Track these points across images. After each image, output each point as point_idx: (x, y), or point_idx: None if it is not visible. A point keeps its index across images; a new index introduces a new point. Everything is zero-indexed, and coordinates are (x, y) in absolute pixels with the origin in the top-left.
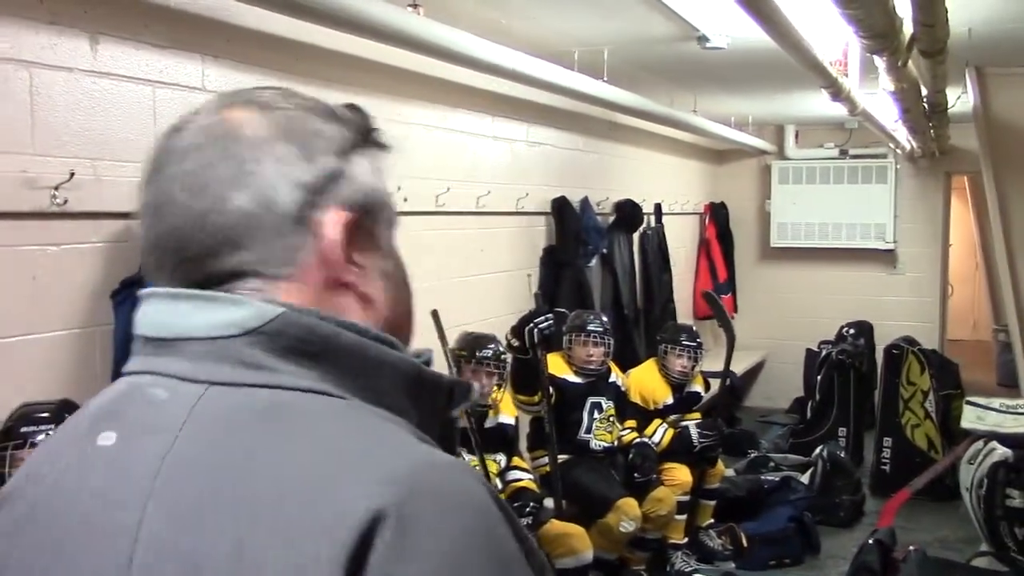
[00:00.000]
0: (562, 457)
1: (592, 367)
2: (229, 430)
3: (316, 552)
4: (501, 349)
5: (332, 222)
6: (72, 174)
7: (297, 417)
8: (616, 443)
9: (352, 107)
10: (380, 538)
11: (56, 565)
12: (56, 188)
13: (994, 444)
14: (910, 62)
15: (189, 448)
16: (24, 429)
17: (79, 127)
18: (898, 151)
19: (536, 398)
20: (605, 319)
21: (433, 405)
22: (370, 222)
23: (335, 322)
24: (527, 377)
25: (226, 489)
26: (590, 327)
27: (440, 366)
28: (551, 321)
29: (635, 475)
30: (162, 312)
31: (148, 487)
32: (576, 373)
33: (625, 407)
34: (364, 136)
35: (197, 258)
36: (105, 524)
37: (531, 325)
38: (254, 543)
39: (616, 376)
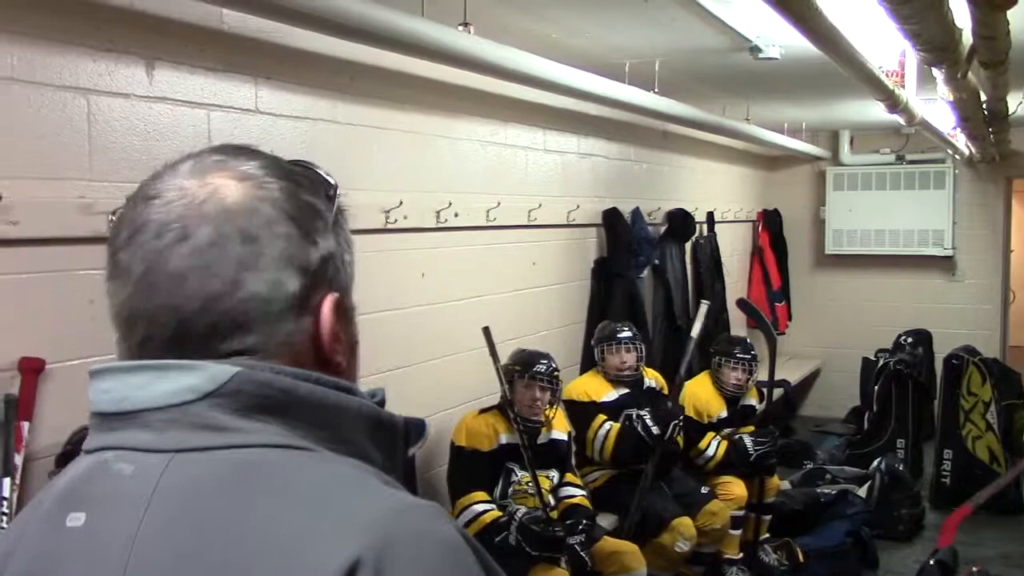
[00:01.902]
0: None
1: (626, 374)
2: (197, 497)
3: None
4: (554, 365)
5: (326, 304)
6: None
7: (265, 475)
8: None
9: (308, 165)
10: None
11: None
12: (113, 213)
13: None
14: (970, 72)
15: (158, 521)
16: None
17: (135, 152)
18: (956, 156)
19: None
20: (633, 326)
21: (394, 446)
22: (348, 298)
23: (290, 374)
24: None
25: (199, 556)
26: (620, 335)
27: (491, 382)
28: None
29: (654, 432)
30: (118, 386)
31: (121, 566)
32: (612, 384)
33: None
34: (337, 202)
35: (201, 339)
36: None
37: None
38: None
39: (651, 380)
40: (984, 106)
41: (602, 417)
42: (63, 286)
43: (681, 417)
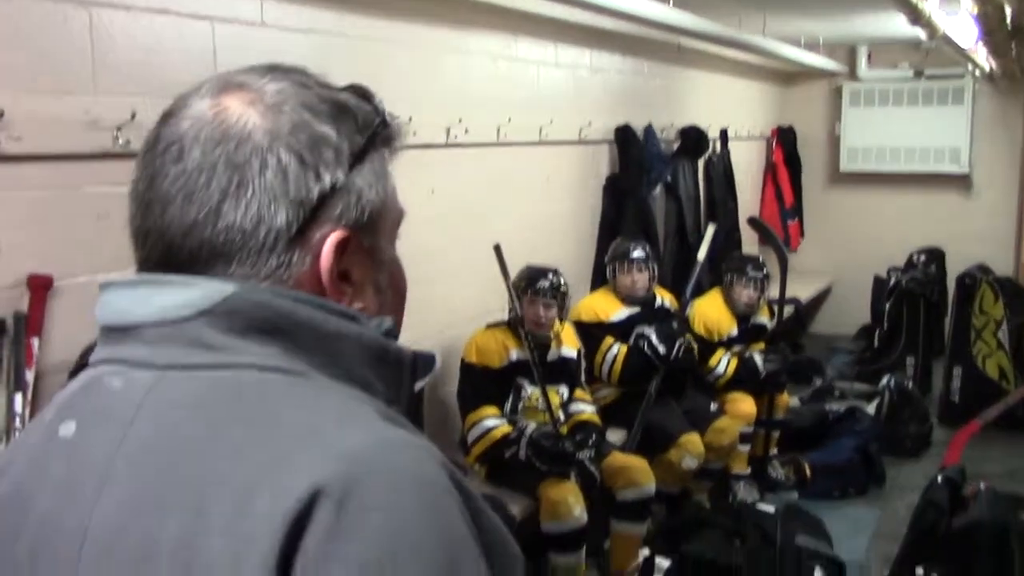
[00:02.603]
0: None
1: (639, 294)
2: (182, 414)
3: (253, 534)
4: (559, 280)
5: (328, 242)
6: (134, 114)
7: (247, 397)
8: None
9: (363, 94)
10: (317, 518)
11: (17, 560)
12: (119, 128)
13: None
14: None
15: (142, 435)
16: None
17: (139, 66)
18: (976, 72)
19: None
20: (647, 245)
21: (399, 378)
22: (368, 238)
23: (291, 297)
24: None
25: (176, 473)
26: (633, 254)
27: (502, 300)
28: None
29: (660, 351)
30: (120, 300)
31: (102, 477)
32: (623, 302)
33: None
34: (373, 136)
35: (183, 265)
36: (62, 517)
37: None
38: (200, 526)
39: (662, 299)
40: (1009, 20)
41: (610, 340)
42: (70, 202)
43: (687, 335)
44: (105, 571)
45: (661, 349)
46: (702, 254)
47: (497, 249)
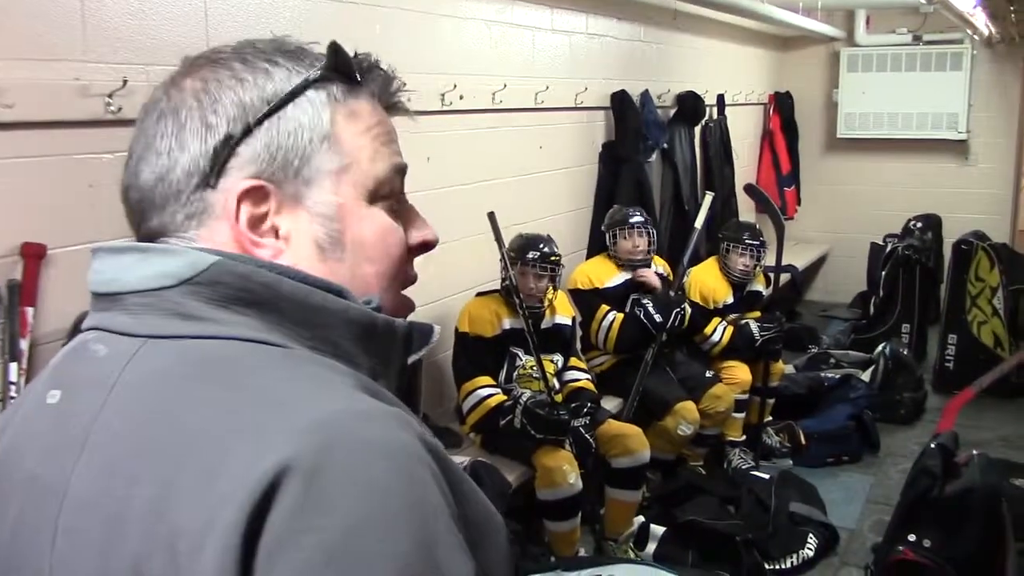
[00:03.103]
0: (617, 357)
1: (638, 259)
2: (160, 384)
3: (220, 505)
4: (552, 249)
5: (233, 190)
6: (125, 81)
7: (227, 368)
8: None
9: (333, 48)
10: (285, 491)
11: (6, 518)
12: (110, 95)
13: None
14: None
15: (120, 402)
16: None
17: (130, 33)
18: (975, 37)
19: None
20: (644, 211)
21: (388, 352)
22: (296, 187)
23: (276, 269)
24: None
25: (148, 442)
26: (632, 219)
27: (496, 268)
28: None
29: (657, 320)
30: (108, 267)
31: (80, 445)
32: (621, 268)
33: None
34: (305, 84)
35: (130, 217)
36: (45, 480)
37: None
38: (169, 496)
39: (658, 266)
40: None
41: (605, 307)
42: (62, 170)
43: (684, 305)
44: (81, 534)
45: (658, 318)
46: (700, 222)
47: (491, 216)
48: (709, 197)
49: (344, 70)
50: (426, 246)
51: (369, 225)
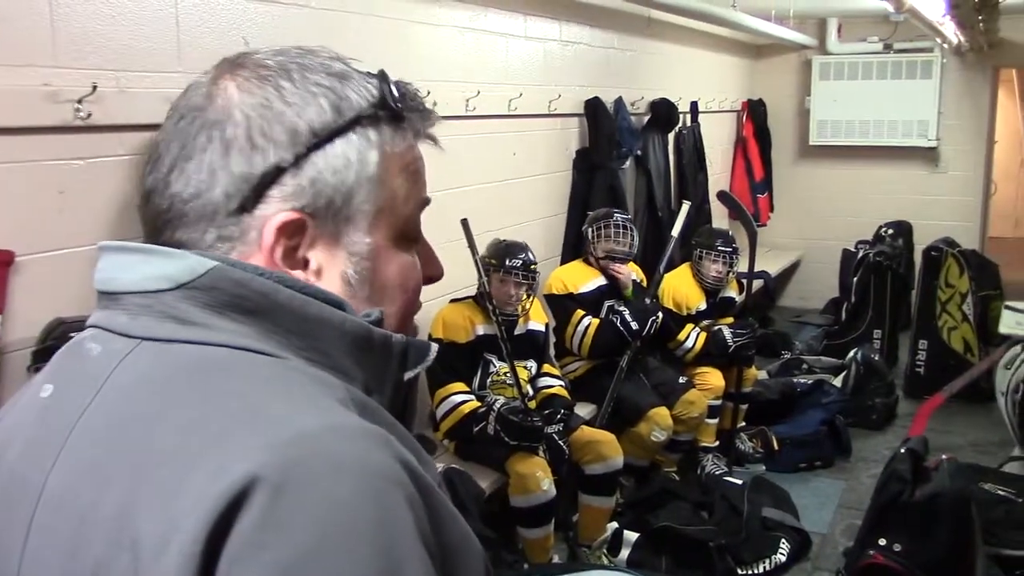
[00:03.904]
0: (590, 363)
1: (618, 256)
2: (145, 387)
3: (185, 518)
4: (531, 258)
5: (271, 222)
6: (95, 87)
7: (212, 374)
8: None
9: (381, 77)
10: (251, 504)
11: None
12: (79, 101)
13: None
14: None
15: (104, 403)
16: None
17: (100, 38)
18: (944, 45)
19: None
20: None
21: (383, 367)
22: (332, 224)
23: (275, 277)
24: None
25: (122, 445)
26: (615, 215)
27: (470, 274)
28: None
29: (633, 327)
30: (110, 265)
31: (61, 442)
32: (597, 270)
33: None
34: (357, 119)
35: (150, 229)
36: (21, 478)
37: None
38: (135, 501)
39: (633, 273)
40: None
41: (580, 312)
42: (31, 177)
43: (660, 314)
44: (51, 532)
45: (634, 325)
46: (676, 231)
47: (464, 223)
48: (686, 206)
49: (392, 107)
50: (432, 280)
51: (396, 266)
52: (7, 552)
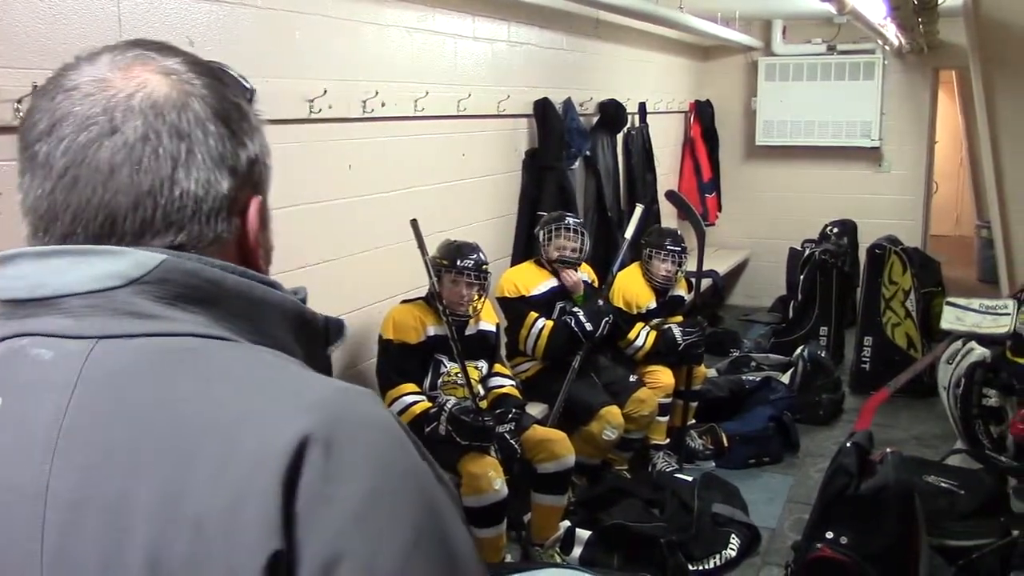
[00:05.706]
0: (542, 364)
1: (569, 260)
2: (128, 384)
3: (250, 482)
4: (482, 258)
5: (253, 207)
6: (35, 86)
7: (194, 361)
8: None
9: (227, 70)
10: (309, 461)
11: None
12: (19, 101)
13: (972, 344)
14: None
15: (90, 401)
16: None
17: (40, 37)
18: (886, 47)
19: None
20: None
21: (314, 344)
22: (266, 202)
23: (218, 266)
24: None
25: (139, 435)
26: (568, 219)
27: (420, 275)
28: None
29: (588, 329)
30: (33, 272)
31: (50, 445)
32: (549, 272)
33: (597, 301)
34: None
35: (131, 233)
36: (11, 485)
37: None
38: (183, 483)
39: (583, 274)
40: None
41: (534, 315)
42: None
43: (611, 316)
44: (76, 528)
45: (589, 327)
46: (629, 233)
47: (414, 224)
48: (639, 209)
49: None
50: None
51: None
52: (21, 553)
